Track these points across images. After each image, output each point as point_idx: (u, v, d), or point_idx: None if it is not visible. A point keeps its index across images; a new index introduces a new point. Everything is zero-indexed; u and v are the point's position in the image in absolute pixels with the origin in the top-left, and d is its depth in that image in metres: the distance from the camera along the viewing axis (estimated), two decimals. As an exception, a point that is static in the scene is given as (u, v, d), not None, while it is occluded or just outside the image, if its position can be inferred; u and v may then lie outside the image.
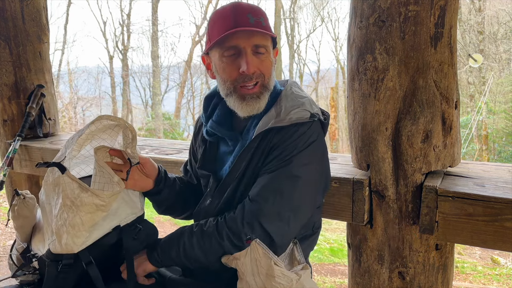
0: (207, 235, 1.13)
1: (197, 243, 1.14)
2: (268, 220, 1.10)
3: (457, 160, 1.38)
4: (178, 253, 1.16)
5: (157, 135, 15.65)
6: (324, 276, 4.09)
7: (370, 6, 1.28)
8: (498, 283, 4.48)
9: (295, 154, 1.13)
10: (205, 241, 1.13)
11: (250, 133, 1.21)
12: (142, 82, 20.78)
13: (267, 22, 1.18)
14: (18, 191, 1.26)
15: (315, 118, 1.16)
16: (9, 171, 2.27)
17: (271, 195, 1.11)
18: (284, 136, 1.15)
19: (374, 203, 1.38)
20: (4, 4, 2.26)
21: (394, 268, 1.38)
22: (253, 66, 1.13)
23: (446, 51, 1.26)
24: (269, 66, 1.19)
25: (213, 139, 1.30)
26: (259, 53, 1.15)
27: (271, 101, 1.21)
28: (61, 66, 17.99)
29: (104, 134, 1.20)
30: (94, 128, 1.15)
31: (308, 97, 1.23)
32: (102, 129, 1.18)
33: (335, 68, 21.98)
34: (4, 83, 2.33)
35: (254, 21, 1.13)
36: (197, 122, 1.43)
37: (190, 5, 41.79)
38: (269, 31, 1.16)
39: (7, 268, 2.79)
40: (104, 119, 1.16)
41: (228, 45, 1.14)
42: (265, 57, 1.17)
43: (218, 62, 1.18)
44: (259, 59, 1.15)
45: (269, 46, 1.18)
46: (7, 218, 1.27)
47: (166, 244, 1.19)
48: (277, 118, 1.15)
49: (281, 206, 1.11)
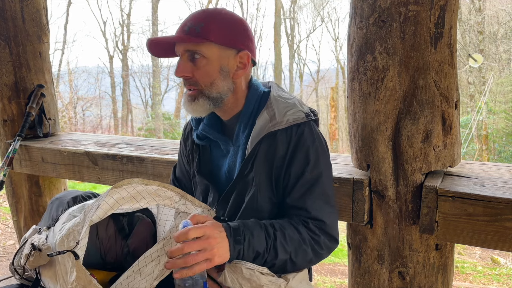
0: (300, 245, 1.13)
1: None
2: (331, 229, 1.17)
3: (457, 160, 1.38)
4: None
5: (157, 135, 15.64)
6: (324, 276, 4.08)
7: (370, 6, 1.28)
8: (498, 283, 4.47)
9: (310, 154, 1.16)
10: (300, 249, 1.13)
11: (240, 138, 1.22)
12: (142, 82, 20.77)
13: (209, 27, 1.13)
14: (35, 245, 1.19)
15: (310, 118, 1.19)
16: (9, 171, 2.28)
17: (321, 203, 1.16)
18: (288, 138, 1.16)
19: (374, 203, 1.38)
20: (4, 4, 2.26)
21: (394, 268, 1.38)
22: (180, 70, 1.17)
23: (446, 51, 1.26)
24: (207, 73, 1.16)
25: (205, 142, 1.30)
26: (194, 59, 1.16)
27: (257, 103, 1.22)
28: (61, 66, 17.98)
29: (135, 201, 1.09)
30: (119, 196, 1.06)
31: (295, 97, 1.25)
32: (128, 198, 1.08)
33: (335, 68, 21.97)
34: (4, 83, 2.32)
35: (189, 28, 1.14)
36: (185, 129, 1.42)
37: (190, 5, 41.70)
38: (202, 36, 1.13)
39: (7, 268, 2.80)
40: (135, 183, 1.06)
41: (176, 51, 1.20)
42: (202, 64, 1.15)
43: None
44: (195, 66, 1.16)
45: (207, 52, 1.14)
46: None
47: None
48: (272, 121, 1.16)
49: (330, 207, 1.17)
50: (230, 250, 1.00)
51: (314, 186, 1.16)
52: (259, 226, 1.08)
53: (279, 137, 1.16)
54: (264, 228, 1.08)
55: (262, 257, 1.06)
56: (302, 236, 1.11)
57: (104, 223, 1.31)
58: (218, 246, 0.97)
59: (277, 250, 1.07)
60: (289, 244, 1.09)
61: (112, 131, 17.29)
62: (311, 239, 1.13)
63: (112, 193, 1.04)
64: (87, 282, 1.02)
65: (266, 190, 1.18)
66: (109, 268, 1.32)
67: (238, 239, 1.02)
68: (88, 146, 2.15)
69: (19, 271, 1.26)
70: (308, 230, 1.13)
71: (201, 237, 0.95)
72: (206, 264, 0.94)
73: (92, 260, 1.29)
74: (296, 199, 1.16)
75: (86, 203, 1.29)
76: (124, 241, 1.33)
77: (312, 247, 1.13)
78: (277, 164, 1.17)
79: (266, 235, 1.07)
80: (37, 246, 1.18)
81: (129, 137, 2.42)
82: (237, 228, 1.03)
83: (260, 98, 1.23)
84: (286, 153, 1.16)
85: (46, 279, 1.20)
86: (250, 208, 1.18)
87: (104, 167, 2.01)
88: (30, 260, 1.19)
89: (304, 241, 1.11)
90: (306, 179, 1.15)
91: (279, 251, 1.07)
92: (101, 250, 1.31)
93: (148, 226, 1.32)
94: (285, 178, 1.17)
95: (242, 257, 1.03)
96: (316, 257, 1.15)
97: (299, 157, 1.16)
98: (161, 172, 1.84)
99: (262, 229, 1.07)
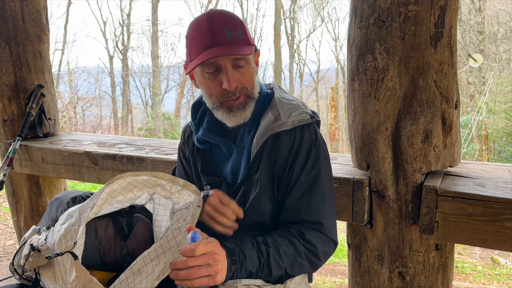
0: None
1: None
2: (329, 231, 1.17)
3: (457, 160, 1.38)
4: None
5: (157, 135, 15.64)
6: (324, 276, 4.08)
7: (370, 6, 1.28)
8: (498, 283, 4.47)
9: (311, 155, 1.17)
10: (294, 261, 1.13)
11: (244, 140, 1.22)
12: (142, 82, 20.79)
13: (245, 32, 1.15)
14: (34, 246, 1.20)
15: (315, 119, 1.20)
16: (9, 171, 2.28)
17: (320, 206, 1.16)
18: (292, 140, 1.17)
19: (374, 203, 1.38)
20: (4, 4, 2.26)
21: (394, 268, 1.38)
22: (234, 82, 1.13)
23: (446, 51, 1.26)
24: (251, 77, 1.17)
25: (206, 146, 1.30)
26: (239, 67, 1.14)
27: (261, 104, 1.23)
28: (61, 66, 17.99)
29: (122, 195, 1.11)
30: (110, 190, 1.08)
31: (298, 99, 1.26)
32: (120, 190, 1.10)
33: (335, 68, 21.97)
34: (4, 83, 2.32)
35: (232, 35, 1.11)
36: (184, 132, 1.41)
37: (190, 5, 41.64)
38: (247, 43, 1.13)
39: (7, 268, 2.80)
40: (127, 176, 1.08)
41: (207, 63, 1.13)
42: (246, 69, 1.15)
43: (200, 78, 1.19)
44: (240, 73, 1.14)
45: (249, 57, 1.16)
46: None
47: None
48: (277, 121, 1.16)
49: (328, 208, 1.18)
50: (227, 270, 1.00)
51: (313, 187, 1.16)
52: (251, 245, 1.08)
53: (283, 138, 1.17)
54: (256, 247, 1.08)
55: (256, 276, 1.07)
56: (298, 250, 1.11)
57: (103, 224, 1.31)
58: (222, 263, 0.97)
59: (271, 268, 1.08)
60: (284, 260, 1.09)
61: (112, 131, 17.29)
62: (307, 251, 1.13)
63: (105, 189, 1.05)
64: (87, 281, 1.02)
65: (268, 190, 1.19)
66: (109, 269, 1.32)
67: (234, 259, 1.02)
68: (88, 146, 2.15)
69: (18, 271, 1.26)
70: (305, 242, 1.13)
71: (207, 253, 0.95)
72: (208, 280, 0.94)
73: (92, 261, 1.29)
74: (295, 200, 1.16)
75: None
76: (123, 242, 1.33)
77: (309, 260, 1.13)
78: (280, 164, 1.17)
79: (258, 254, 1.07)
80: (36, 247, 1.19)
81: (129, 137, 2.42)
82: (232, 249, 1.04)
83: (264, 100, 1.24)
84: (289, 154, 1.17)
85: (46, 279, 1.20)
86: (253, 208, 1.18)
87: (104, 167, 2.01)
88: (29, 260, 1.19)
89: (299, 255, 1.11)
90: (305, 180, 1.16)
91: (272, 269, 1.08)
92: (100, 250, 1.31)
93: (147, 227, 1.32)
94: (287, 178, 1.18)
95: (236, 277, 1.04)
96: (313, 268, 1.17)
97: (301, 158, 1.16)
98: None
99: (254, 247, 1.08)
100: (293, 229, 1.15)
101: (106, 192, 1.06)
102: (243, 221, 1.17)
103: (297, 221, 1.16)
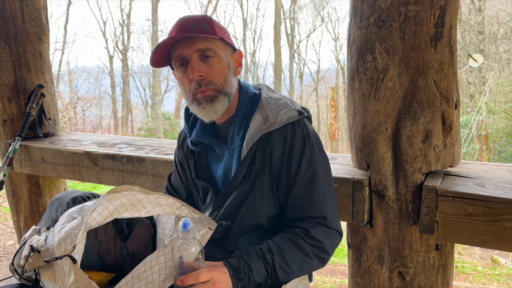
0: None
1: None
2: (334, 223, 1.18)
3: (457, 160, 1.38)
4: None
5: (157, 135, 15.63)
6: (324, 276, 4.08)
7: (370, 6, 1.28)
8: (498, 283, 4.47)
9: (305, 151, 1.17)
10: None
11: (234, 141, 1.22)
12: (142, 82, 20.78)
13: (213, 27, 1.17)
14: (33, 247, 1.19)
15: (303, 115, 1.20)
16: (9, 171, 2.28)
17: (321, 200, 1.17)
18: (284, 137, 1.16)
19: (374, 203, 1.38)
20: (4, 4, 2.26)
21: (394, 268, 1.38)
22: (197, 71, 1.13)
23: (446, 51, 1.26)
24: (220, 71, 1.17)
25: (200, 148, 1.31)
26: (207, 57, 1.14)
27: (248, 104, 1.23)
28: (61, 66, 17.97)
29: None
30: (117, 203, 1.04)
31: (286, 96, 1.26)
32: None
33: (335, 68, 21.96)
34: (4, 83, 2.32)
35: (195, 28, 1.14)
36: (180, 136, 1.42)
37: (190, 5, 41.76)
38: (212, 34, 1.15)
39: (7, 268, 2.80)
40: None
41: (175, 56, 1.16)
42: (215, 62, 1.15)
43: (176, 75, 1.21)
44: (208, 65, 1.15)
45: (217, 49, 1.16)
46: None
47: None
48: (266, 123, 1.16)
49: (330, 200, 1.19)
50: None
51: (313, 181, 1.16)
52: (257, 256, 1.09)
53: (275, 137, 1.16)
54: (262, 257, 1.10)
55: (265, 285, 1.09)
56: (304, 251, 1.12)
57: (103, 224, 1.31)
58: None
59: (278, 275, 1.10)
60: (291, 265, 1.11)
61: (112, 131, 17.28)
62: (314, 248, 1.14)
63: (112, 199, 1.03)
64: (86, 285, 1.02)
65: (266, 192, 1.18)
66: (108, 270, 1.32)
67: (240, 277, 1.05)
68: (88, 146, 2.15)
69: (18, 271, 1.26)
70: (310, 240, 1.14)
71: (208, 281, 0.99)
72: None
73: (91, 261, 1.28)
74: (297, 197, 1.16)
75: (85, 204, 1.29)
76: (123, 243, 1.32)
77: (317, 256, 1.14)
78: (276, 164, 1.17)
79: (265, 264, 1.09)
80: (35, 248, 1.18)
81: (129, 137, 2.42)
82: (237, 267, 1.06)
83: (252, 100, 1.24)
84: (283, 153, 1.17)
85: (46, 280, 1.20)
86: (249, 211, 1.19)
87: (104, 167, 2.01)
88: (29, 261, 1.19)
89: (307, 255, 1.13)
90: (304, 176, 1.16)
91: (279, 275, 1.10)
92: (100, 251, 1.31)
93: (147, 228, 1.32)
94: (286, 177, 1.18)
95: None
96: (322, 263, 1.18)
97: (297, 155, 1.16)
98: (161, 172, 1.84)
99: (260, 258, 1.09)
100: (297, 229, 1.16)
101: (115, 205, 1.03)
102: (239, 224, 1.18)
103: (302, 217, 1.17)
